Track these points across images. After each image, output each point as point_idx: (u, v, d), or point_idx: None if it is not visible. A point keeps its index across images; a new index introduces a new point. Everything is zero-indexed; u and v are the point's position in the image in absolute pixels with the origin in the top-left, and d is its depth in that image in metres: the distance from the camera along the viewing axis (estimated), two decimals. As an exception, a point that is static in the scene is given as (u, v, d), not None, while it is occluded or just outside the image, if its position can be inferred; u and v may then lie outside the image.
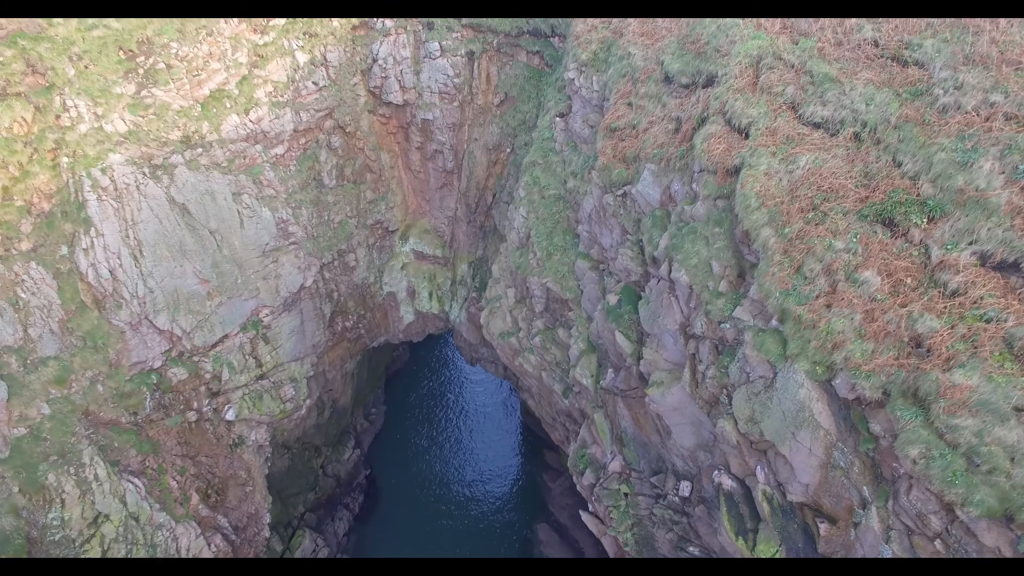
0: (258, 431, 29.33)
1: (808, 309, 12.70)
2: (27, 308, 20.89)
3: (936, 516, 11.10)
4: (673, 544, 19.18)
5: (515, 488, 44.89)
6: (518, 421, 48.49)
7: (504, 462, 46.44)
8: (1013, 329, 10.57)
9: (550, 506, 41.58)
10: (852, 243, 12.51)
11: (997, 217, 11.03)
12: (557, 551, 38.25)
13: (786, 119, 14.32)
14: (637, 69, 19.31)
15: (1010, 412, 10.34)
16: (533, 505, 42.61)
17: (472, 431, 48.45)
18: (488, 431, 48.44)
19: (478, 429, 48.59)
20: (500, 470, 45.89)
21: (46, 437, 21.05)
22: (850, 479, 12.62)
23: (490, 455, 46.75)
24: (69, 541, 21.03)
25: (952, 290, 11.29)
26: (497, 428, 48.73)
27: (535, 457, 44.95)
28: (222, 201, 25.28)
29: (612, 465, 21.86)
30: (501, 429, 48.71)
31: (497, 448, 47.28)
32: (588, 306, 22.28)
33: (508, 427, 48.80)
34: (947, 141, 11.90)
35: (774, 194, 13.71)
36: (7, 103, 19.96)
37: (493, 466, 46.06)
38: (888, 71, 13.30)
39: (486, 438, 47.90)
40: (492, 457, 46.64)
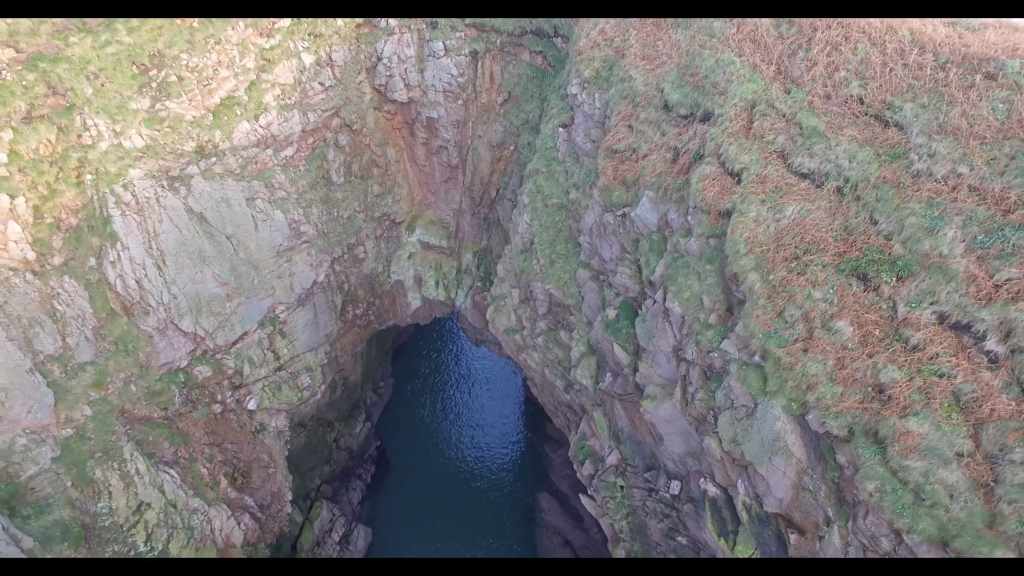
0: (277, 418, 31.28)
1: (787, 352, 14.14)
2: (64, 319, 22.29)
3: (886, 539, 12.88)
4: (664, 533, 21.29)
5: (517, 457, 47.44)
6: (520, 392, 50.58)
7: (507, 432, 48.85)
8: (961, 385, 12.03)
9: (551, 475, 44.11)
10: (829, 294, 13.82)
11: (955, 283, 12.30)
12: (557, 519, 40.99)
13: (776, 167, 15.33)
14: (638, 93, 20.03)
15: (953, 457, 11.95)
16: (535, 474, 45.20)
17: (476, 402, 50.69)
18: (492, 401, 50.65)
19: (482, 400, 50.80)
20: (503, 440, 48.34)
21: (90, 436, 22.88)
22: (817, 500, 14.38)
23: (494, 425, 49.11)
24: (117, 527, 23.19)
25: (913, 345, 12.69)
26: (500, 399, 50.92)
27: (537, 427, 47.22)
28: (237, 207, 26.28)
29: (610, 459, 23.79)
30: (504, 399, 50.90)
31: (500, 418, 49.61)
32: (589, 312, 23.69)
33: (511, 397, 50.97)
34: (918, 206, 13.03)
35: (762, 241, 14.90)
36: (33, 126, 20.74)
37: (497, 436, 48.48)
38: (871, 129, 14.24)
39: (490, 408, 50.15)
40: (496, 427, 49.02)
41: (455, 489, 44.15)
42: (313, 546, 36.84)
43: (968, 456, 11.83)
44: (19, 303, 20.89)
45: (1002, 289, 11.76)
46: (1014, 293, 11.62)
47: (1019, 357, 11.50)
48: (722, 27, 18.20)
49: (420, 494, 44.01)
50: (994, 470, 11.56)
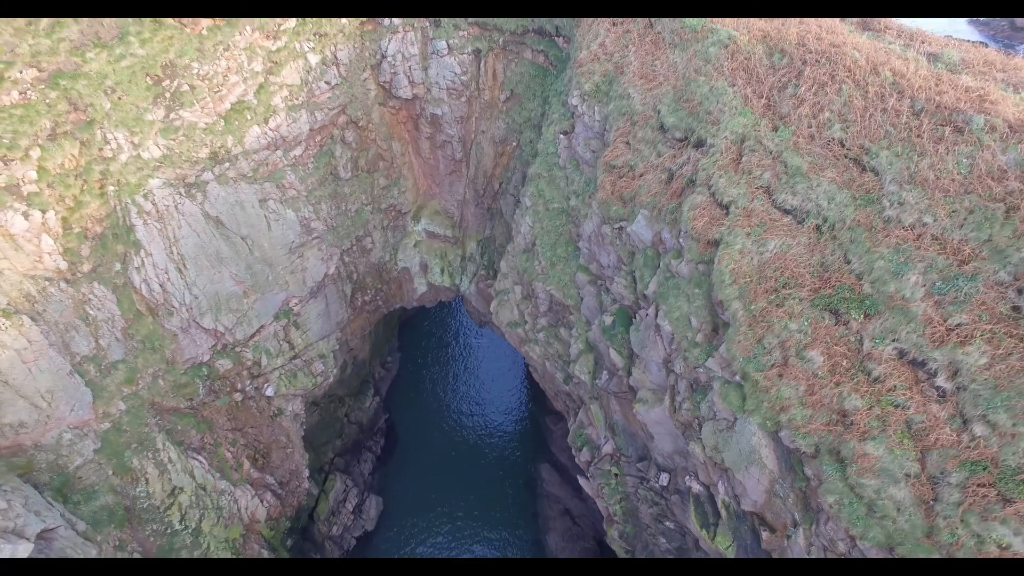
0: (293, 402, 33.23)
1: (764, 376, 15.65)
2: (95, 322, 23.81)
3: (843, 542, 14.72)
4: (653, 517, 23.38)
5: (519, 429, 49.76)
6: (522, 367, 52.51)
7: (509, 404, 51.07)
8: (913, 415, 13.57)
9: (551, 447, 46.50)
10: (804, 326, 15.22)
11: (914, 324, 13.67)
12: (557, 488, 43.57)
13: (761, 202, 16.46)
14: (636, 112, 20.87)
15: (902, 477, 13.61)
16: (536, 445, 47.59)
17: (480, 375, 52.75)
18: (495, 375, 52.69)
19: (485, 373, 52.85)
20: (506, 412, 50.59)
21: (126, 429, 24.78)
22: (786, 505, 16.19)
23: (497, 398, 51.29)
24: (155, 509, 25.39)
25: (874, 377, 14.17)
26: (503, 372, 52.93)
27: (538, 401, 49.34)
28: (250, 209, 27.40)
29: (605, 448, 25.71)
30: (507, 373, 52.91)
31: (503, 391, 51.75)
32: (587, 313, 25.13)
33: (513, 371, 52.97)
34: (886, 251, 14.26)
35: (745, 273, 16.20)
36: (58, 143, 21.71)
37: (499, 408, 50.71)
38: (849, 173, 15.29)
39: (493, 381, 52.24)
40: (499, 400, 51.21)
41: (460, 459, 46.57)
42: (329, 516, 39.52)
43: (914, 477, 13.49)
44: (56, 310, 22.36)
45: (953, 333, 13.14)
46: (963, 337, 13.01)
47: (963, 394, 12.99)
48: (717, 53, 18.93)
49: (427, 464, 46.49)
50: (935, 490, 13.24)
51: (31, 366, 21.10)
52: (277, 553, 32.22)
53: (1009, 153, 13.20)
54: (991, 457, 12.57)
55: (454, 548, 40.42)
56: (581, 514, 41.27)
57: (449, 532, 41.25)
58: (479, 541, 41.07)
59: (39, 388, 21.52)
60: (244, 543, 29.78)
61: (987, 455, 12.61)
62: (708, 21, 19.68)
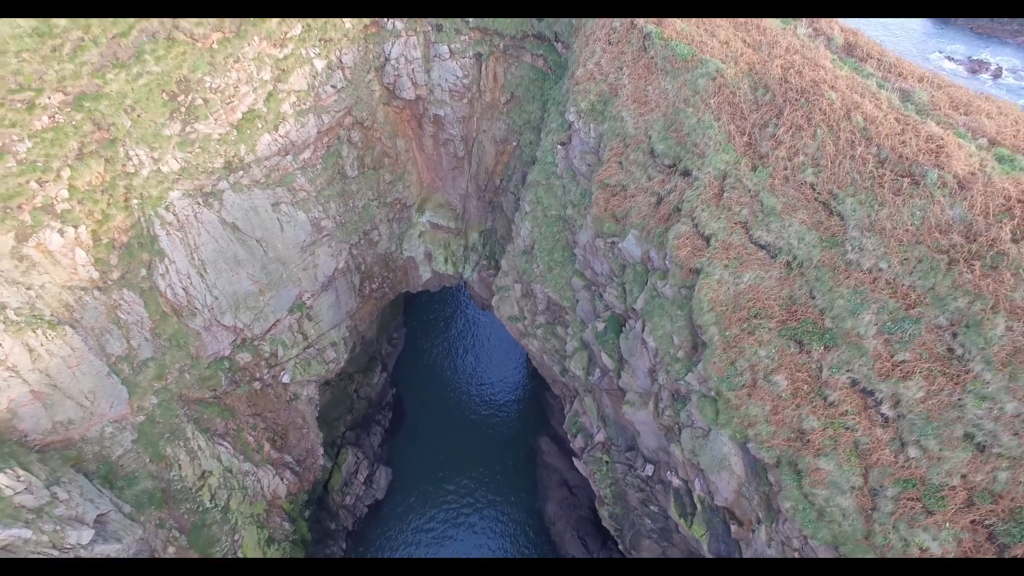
0: (308, 387, 35.53)
1: (735, 395, 17.61)
2: (126, 325, 25.74)
3: (797, 540, 17.00)
4: (640, 501, 25.86)
5: (520, 403, 52.37)
6: (523, 343, 54.52)
7: (511, 379, 53.53)
8: (860, 437, 15.58)
9: (551, 420, 49.13)
10: (771, 353, 17.06)
11: (866, 358, 15.49)
12: (556, 460, 46.41)
13: (739, 236, 18.02)
14: (628, 135, 22.13)
15: (848, 489, 15.73)
16: (536, 418, 50.24)
17: (483, 350, 55.03)
18: (497, 350, 54.94)
19: (488, 348, 55.11)
20: (508, 386, 53.10)
21: (158, 420, 27.08)
22: (752, 505, 18.43)
23: (499, 372, 53.69)
24: (187, 491, 27.98)
25: (830, 402, 16.10)
26: (505, 348, 55.16)
27: (538, 376, 51.61)
28: (264, 213, 28.89)
29: (597, 436, 28.02)
30: (508, 349, 55.14)
31: (505, 366, 54.11)
32: (582, 315, 26.96)
33: (515, 347, 55.11)
34: (846, 291, 15.93)
35: (722, 301, 17.93)
36: (85, 162, 23.10)
37: (502, 382, 53.19)
38: (818, 215, 16.78)
39: (495, 357, 54.55)
40: (501, 374, 53.62)
41: (464, 432, 49.31)
42: (342, 486, 42.50)
43: (858, 489, 15.61)
44: (91, 316, 24.25)
45: (897, 368, 14.98)
46: (905, 372, 14.86)
47: (902, 421, 14.94)
48: (705, 84, 20.07)
49: (433, 436, 49.26)
50: (874, 501, 15.38)
51: (75, 370, 23.14)
52: (297, 524, 35.18)
53: (955, 209, 14.71)
54: (920, 476, 14.64)
55: (459, 515, 43.49)
56: (577, 484, 44.17)
57: (454, 500, 44.29)
58: (482, 509, 44.14)
59: (83, 389, 23.64)
60: (267, 517, 32.64)
61: (917, 474, 14.68)
62: (698, 51, 20.72)
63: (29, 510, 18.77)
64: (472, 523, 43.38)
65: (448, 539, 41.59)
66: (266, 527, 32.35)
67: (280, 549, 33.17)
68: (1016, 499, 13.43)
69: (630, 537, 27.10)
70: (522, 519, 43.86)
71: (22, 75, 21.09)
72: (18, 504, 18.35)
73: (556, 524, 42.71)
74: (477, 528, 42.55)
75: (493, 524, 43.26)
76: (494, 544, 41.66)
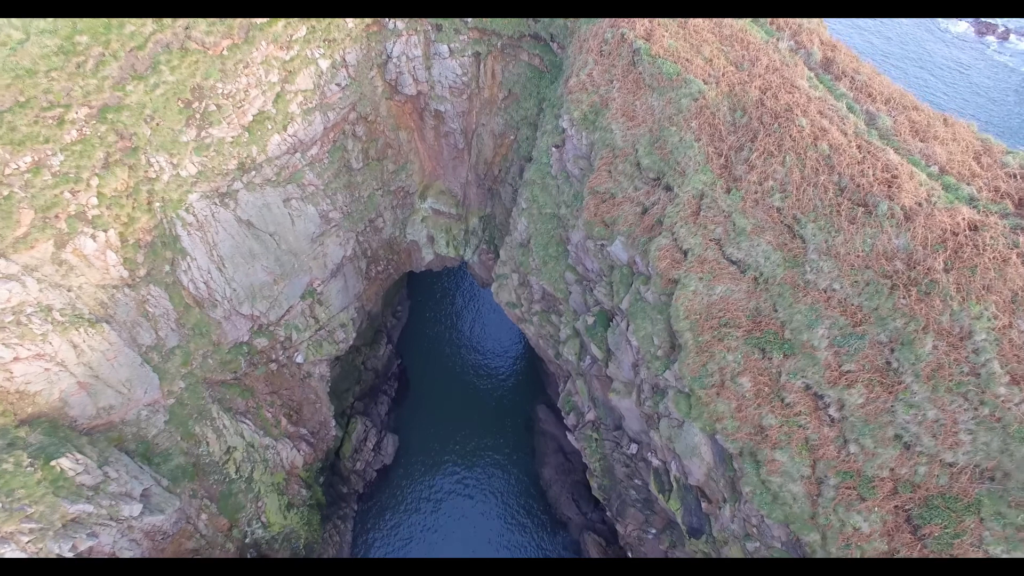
0: (320, 366, 38.04)
1: (705, 393, 19.95)
2: (154, 317, 27.94)
3: (755, 517, 19.67)
4: (626, 475, 28.67)
5: (519, 373, 55.13)
6: (521, 317, 56.78)
7: (510, 350, 56.13)
8: (810, 434, 17.98)
9: (548, 390, 51.96)
10: (738, 358, 19.29)
11: (818, 366, 17.71)
12: (553, 427, 49.44)
13: (713, 252, 19.96)
14: (617, 147, 23.73)
15: (798, 477, 18.25)
16: (534, 388, 53.07)
17: (484, 321, 57.45)
18: (497, 322, 57.30)
19: (489, 320, 57.49)
20: (507, 356, 55.75)
21: (187, 403, 29.65)
22: (719, 487, 21.06)
23: (499, 343, 56.24)
24: (215, 464, 30.84)
25: (786, 403, 18.43)
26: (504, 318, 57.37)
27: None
28: (276, 209, 30.65)
29: (588, 415, 30.64)
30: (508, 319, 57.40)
31: (505, 337, 56.61)
32: (575, 306, 29.10)
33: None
34: (804, 307, 18.00)
35: (696, 310, 20.04)
36: (111, 170, 24.79)
37: (501, 353, 55.82)
38: (783, 237, 18.66)
39: (495, 327, 56.99)
40: (500, 345, 56.20)
41: (466, 400, 52.20)
42: (352, 453, 45.65)
43: (806, 478, 18.13)
44: (123, 312, 26.42)
45: (843, 377, 17.23)
46: (850, 381, 17.11)
47: (845, 423, 17.30)
48: (688, 104, 21.57)
49: (437, 404, 52.18)
50: (819, 488, 17.91)
51: (113, 362, 25.48)
52: (313, 490, 38.36)
53: (900, 238, 16.63)
54: (857, 469, 17.12)
55: (462, 478, 46.83)
56: (572, 451, 47.31)
57: (457, 464, 47.57)
58: (484, 473, 47.46)
59: (120, 378, 26.04)
60: (287, 485, 35.74)
61: (855, 467, 17.15)
62: (683, 70, 22.11)
63: (88, 488, 21.47)
64: (474, 486, 46.74)
65: (451, 501, 44.98)
66: (286, 494, 35.48)
67: (299, 513, 36.43)
68: (930, 489, 15.92)
69: (617, 506, 30.09)
70: (521, 482, 47.22)
71: (52, 93, 22.58)
72: (79, 483, 21.02)
73: (552, 487, 46.06)
74: (478, 491, 45.93)
75: (493, 487, 46.61)
76: (494, 506, 45.09)
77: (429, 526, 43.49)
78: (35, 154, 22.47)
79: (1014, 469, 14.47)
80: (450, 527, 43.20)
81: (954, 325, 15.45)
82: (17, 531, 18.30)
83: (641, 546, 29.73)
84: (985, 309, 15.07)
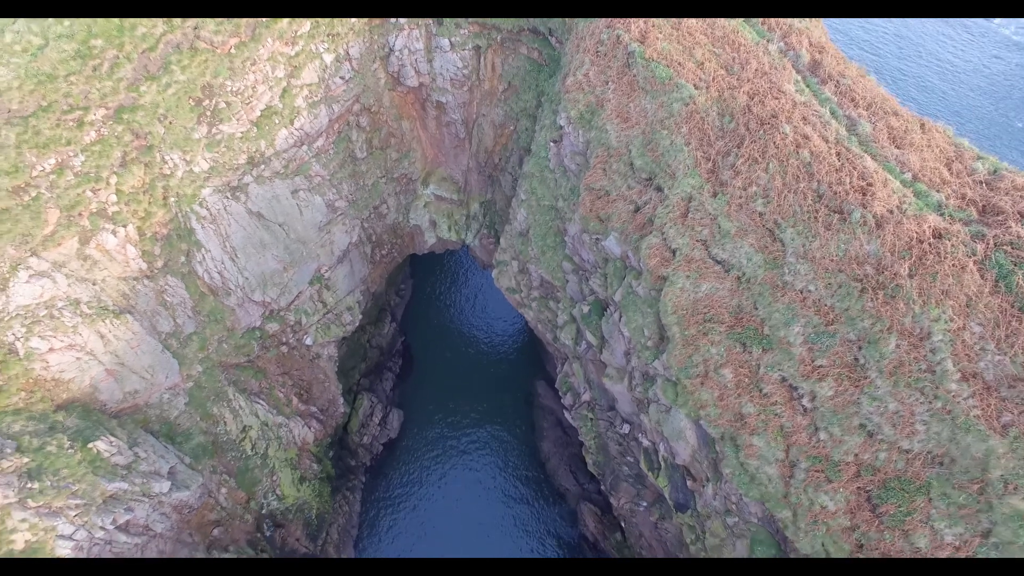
0: (328, 347, 39.73)
1: (691, 383, 21.58)
2: (172, 306, 29.44)
3: (734, 496, 21.54)
4: (619, 452, 30.61)
5: (519, 349, 56.93)
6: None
7: (511, 327, 57.80)
8: (785, 421, 19.66)
9: (546, 366, 53.83)
10: (720, 351, 20.85)
11: (793, 361, 19.28)
12: (552, 402, 51.43)
13: (699, 252, 21.31)
14: (611, 147, 24.82)
15: (773, 461, 20.02)
16: (533, 364, 54.93)
17: (484, 299, 58.98)
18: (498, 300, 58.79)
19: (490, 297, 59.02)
20: (507, 333, 57.46)
21: (204, 385, 31.40)
22: (702, 467, 22.89)
23: (499, 320, 57.93)
24: (232, 442, 32.80)
25: (764, 393, 20.06)
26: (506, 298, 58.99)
27: (535, 326, 55.75)
28: (285, 201, 31.83)
29: (584, 396, 32.43)
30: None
31: (505, 314, 58.24)
32: (572, 294, 30.57)
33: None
34: (781, 306, 19.46)
35: (683, 306, 21.51)
36: (128, 168, 25.93)
37: (502, 330, 57.53)
38: (764, 240, 19.97)
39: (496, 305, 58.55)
40: (501, 322, 57.88)
41: (468, 376, 54.12)
42: (359, 428, 47.78)
43: (780, 462, 19.90)
44: (144, 301, 27.92)
45: (816, 371, 18.82)
46: (821, 375, 18.70)
47: (816, 412, 18.95)
48: (679, 109, 22.61)
49: (440, 380, 54.12)
50: (792, 471, 19.69)
51: (136, 350, 27.10)
52: (323, 464, 40.50)
53: (871, 245, 17.98)
54: (826, 454, 18.85)
55: (465, 451, 49.08)
56: (570, 426, 49.26)
57: (460, 438, 49.77)
58: (485, 445, 49.68)
59: (143, 365, 27.70)
60: (299, 460, 37.84)
61: (823, 453, 18.89)
62: (675, 74, 23.06)
63: (122, 467, 23.34)
64: (476, 458, 49.01)
65: (454, 472, 47.28)
66: (298, 468, 37.61)
67: (311, 486, 38.63)
68: (888, 473, 17.67)
69: (611, 480, 32.14)
70: (520, 454, 49.50)
71: (71, 96, 23.58)
72: (114, 463, 22.88)
73: (551, 459, 48.32)
74: (480, 463, 48.23)
75: (494, 459, 48.90)
76: (495, 476, 47.43)
77: (433, 496, 45.87)
78: (58, 156, 23.61)
79: (959, 456, 16.16)
80: (453, 497, 45.58)
81: (915, 326, 16.94)
82: (65, 506, 20.20)
83: (633, 517, 31.88)
84: (943, 312, 16.52)
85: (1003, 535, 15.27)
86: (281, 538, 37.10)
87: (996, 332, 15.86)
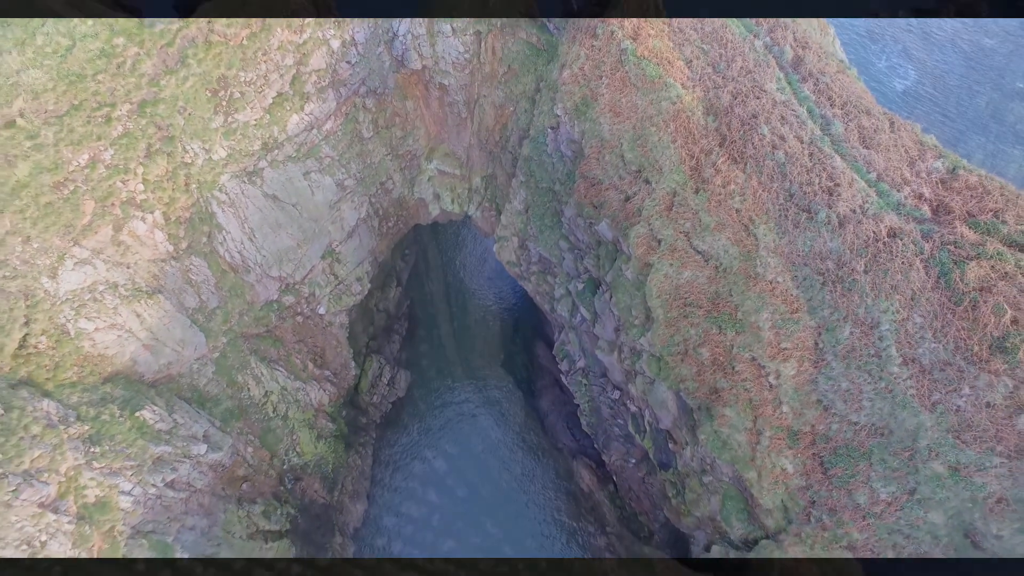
0: (340, 315, 42.28)
1: (672, 359, 24.14)
2: (196, 284, 31.75)
3: (709, 458, 24.45)
4: (610, 415, 33.59)
5: (519, 311, 59.43)
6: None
7: (511, 290, 60.18)
8: (754, 396, 22.31)
9: (545, 328, 56.54)
10: (699, 332, 23.29)
11: (761, 344, 21.73)
12: (549, 363, 54.11)
13: (683, 242, 23.44)
14: (604, 139, 26.53)
15: (743, 429, 22.79)
16: (533, 325, 57.53)
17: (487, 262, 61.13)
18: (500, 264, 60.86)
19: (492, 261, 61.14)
20: (508, 296, 59.87)
21: (229, 355, 34.09)
22: (682, 433, 25.75)
23: (500, 283, 60.27)
24: (256, 406, 35.79)
25: (736, 371, 22.62)
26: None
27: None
28: (297, 183, 33.63)
29: (579, 363, 35.17)
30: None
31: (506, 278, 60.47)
32: (567, 270, 32.82)
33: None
34: (753, 295, 21.74)
35: (667, 291, 23.83)
36: (152, 159, 27.70)
37: (503, 293, 59.91)
38: (740, 235, 22.05)
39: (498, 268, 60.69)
40: (502, 285, 60.22)
41: (471, 337, 56.91)
42: (369, 388, 50.89)
43: (749, 430, 22.66)
44: (171, 281, 30.22)
45: (781, 352, 21.30)
46: (786, 356, 21.20)
47: (780, 388, 21.55)
48: (667, 107, 24.25)
49: (444, 341, 56.91)
50: (758, 438, 22.48)
51: (168, 326, 29.60)
52: (337, 423, 43.74)
53: (833, 243, 20.12)
54: (787, 425, 21.59)
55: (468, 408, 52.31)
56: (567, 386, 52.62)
57: (464, 396, 52.95)
58: (487, 403, 52.88)
59: (175, 339, 30.26)
60: (316, 420, 41.01)
61: (785, 423, 21.62)
62: (664, 72, 24.56)
63: (164, 432, 26.23)
64: (478, 415, 52.31)
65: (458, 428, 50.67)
66: (315, 428, 40.83)
67: (327, 443, 41.97)
68: (838, 441, 20.42)
69: (603, 439, 35.28)
70: (520, 411, 52.79)
71: (99, 94, 25.16)
72: (158, 429, 25.74)
73: (549, 416, 51.63)
74: (483, 420, 51.59)
75: (496, 416, 52.23)
76: (497, 431, 50.87)
77: (439, 451, 49.43)
78: (91, 151, 25.39)
79: (896, 428, 18.83)
80: (457, 452, 49.13)
81: (867, 316, 19.30)
82: (123, 467, 23.15)
83: (623, 472, 35.20)
84: (891, 305, 18.85)
85: (924, 493, 18.11)
86: (301, 490, 40.69)
87: (934, 323, 18.23)
